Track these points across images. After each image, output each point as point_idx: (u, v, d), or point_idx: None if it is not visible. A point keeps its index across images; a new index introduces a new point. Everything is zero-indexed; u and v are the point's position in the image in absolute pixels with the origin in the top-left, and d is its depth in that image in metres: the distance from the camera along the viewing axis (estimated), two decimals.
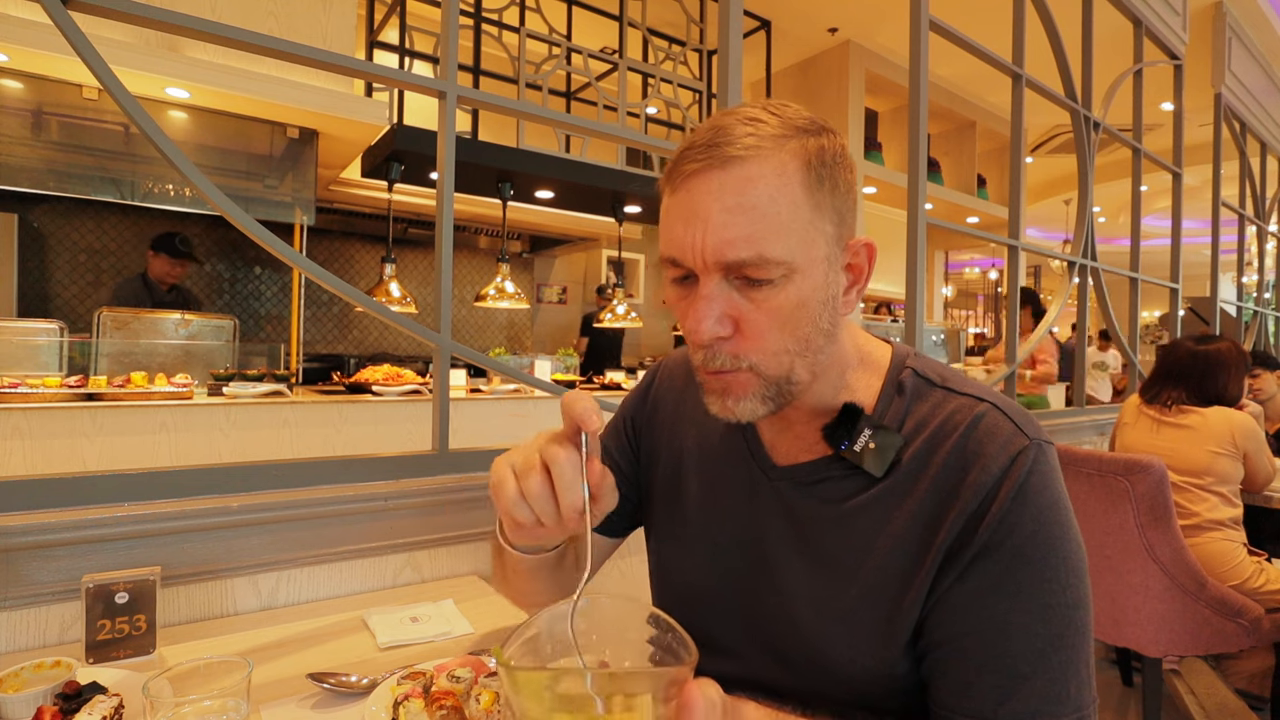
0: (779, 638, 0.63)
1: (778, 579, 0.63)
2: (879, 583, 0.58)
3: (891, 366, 0.64)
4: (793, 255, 0.53)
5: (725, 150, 0.53)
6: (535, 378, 1.48)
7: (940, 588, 0.55)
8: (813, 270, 0.55)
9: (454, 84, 1.23)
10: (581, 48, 3.86)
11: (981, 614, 0.54)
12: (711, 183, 0.53)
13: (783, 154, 0.54)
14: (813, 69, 5.06)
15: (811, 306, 0.56)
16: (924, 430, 0.59)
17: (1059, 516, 0.55)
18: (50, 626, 0.91)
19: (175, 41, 2.62)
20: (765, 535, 0.65)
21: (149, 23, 0.99)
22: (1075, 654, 0.53)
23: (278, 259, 1.61)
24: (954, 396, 0.60)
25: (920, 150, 2.01)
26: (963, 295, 12.56)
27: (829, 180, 0.56)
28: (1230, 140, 4.11)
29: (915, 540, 0.57)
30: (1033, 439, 0.56)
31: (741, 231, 0.52)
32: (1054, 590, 0.53)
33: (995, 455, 0.55)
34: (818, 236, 0.55)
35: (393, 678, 0.77)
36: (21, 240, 3.88)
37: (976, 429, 0.57)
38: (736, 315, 0.55)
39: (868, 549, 0.59)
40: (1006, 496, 0.54)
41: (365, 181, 4.16)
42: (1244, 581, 1.83)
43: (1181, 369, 2.04)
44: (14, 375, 2.32)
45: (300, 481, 1.09)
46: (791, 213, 0.53)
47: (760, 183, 0.53)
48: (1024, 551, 0.53)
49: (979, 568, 0.54)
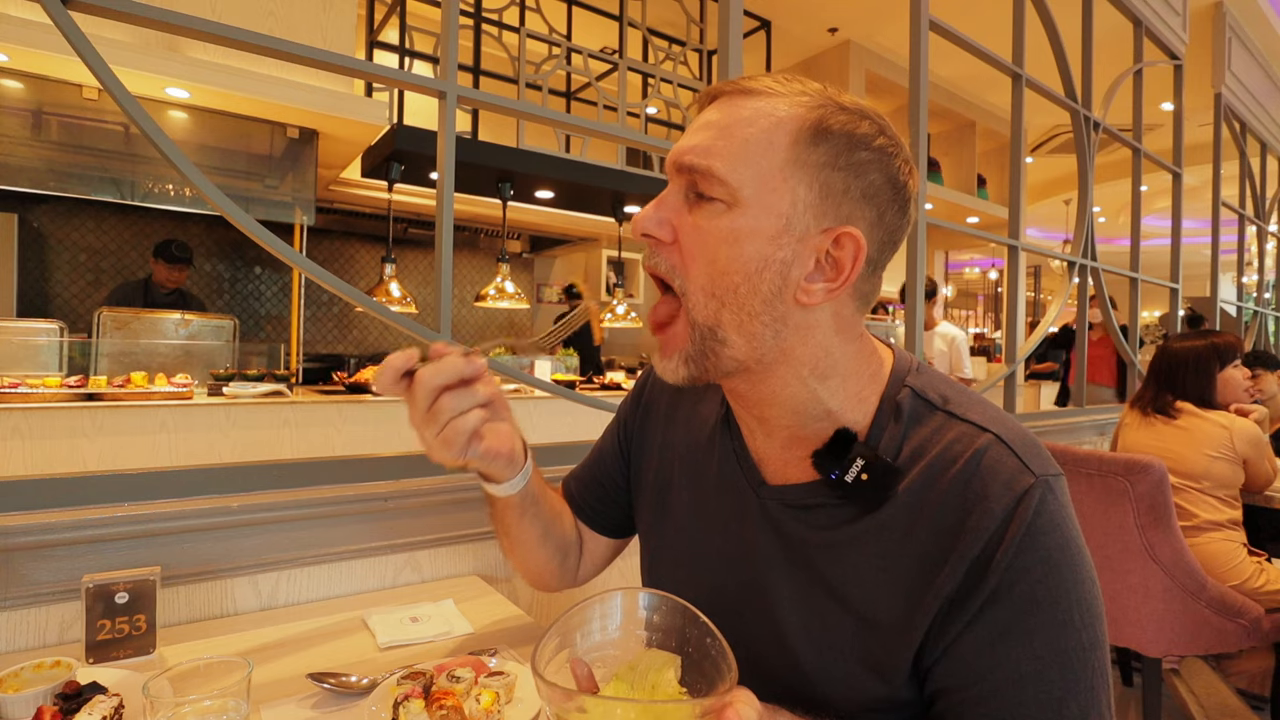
0: (765, 658, 0.61)
1: (766, 599, 0.61)
2: (871, 616, 0.55)
3: (890, 382, 0.59)
4: (741, 185, 0.53)
5: (744, 83, 0.55)
6: (535, 378, 1.48)
7: (948, 636, 0.52)
8: (762, 216, 0.53)
9: (454, 84, 1.23)
10: (581, 48, 3.86)
11: (993, 663, 0.51)
12: (718, 106, 0.56)
13: (792, 104, 0.54)
14: (813, 69, 5.05)
15: (747, 254, 0.53)
16: (922, 458, 0.55)
17: (1069, 557, 0.51)
18: (50, 626, 0.91)
19: (175, 41, 2.62)
20: (754, 554, 0.63)
21: (149, 23, 0.99)
22: (1094, 697, 0.51)
23: (278, 259, 1.61)
24: (955, 423, 0.56)
25: (920, 150, 2.01)
26: (963, 295, 12.56)
27: (827, 146, 0.53)
28: (1230, 140, 4.11)
29: (914, 579, 0.53)
30: (1039, 475, 0.52)
31: (705, 141, 0.54)
32: (1068, 634, 0.50)
33: (999, 496, 0.52)
34: (783, 188, 0.53)
35: (393, 678, 0.77)
36: (21, 240, 3.88)
37: (980, 465, 0.53)
38: (677, 224, 0.55)
39: (860, 581, 0.56)
40: (1012, 541, 0.50)
41: (365, 181, 4.16)
42: (1244, 581, 1.83)
43: (1155, 369, 2.08)
44: (14, 375, 2.32)
45: (300, 481, 1.09)
46: (762, 149, 0.53)
47: (753, 115, 0.54)
48: (1034, 596, 0.50)
49: (987, 615, 0.51)
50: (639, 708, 0.40)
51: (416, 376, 0.57)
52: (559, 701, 0.41)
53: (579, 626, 0.48)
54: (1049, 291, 11.37)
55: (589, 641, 0.49)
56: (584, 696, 0.42)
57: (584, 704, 0.40)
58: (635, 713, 0.40)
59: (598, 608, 0.50)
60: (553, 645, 0.46)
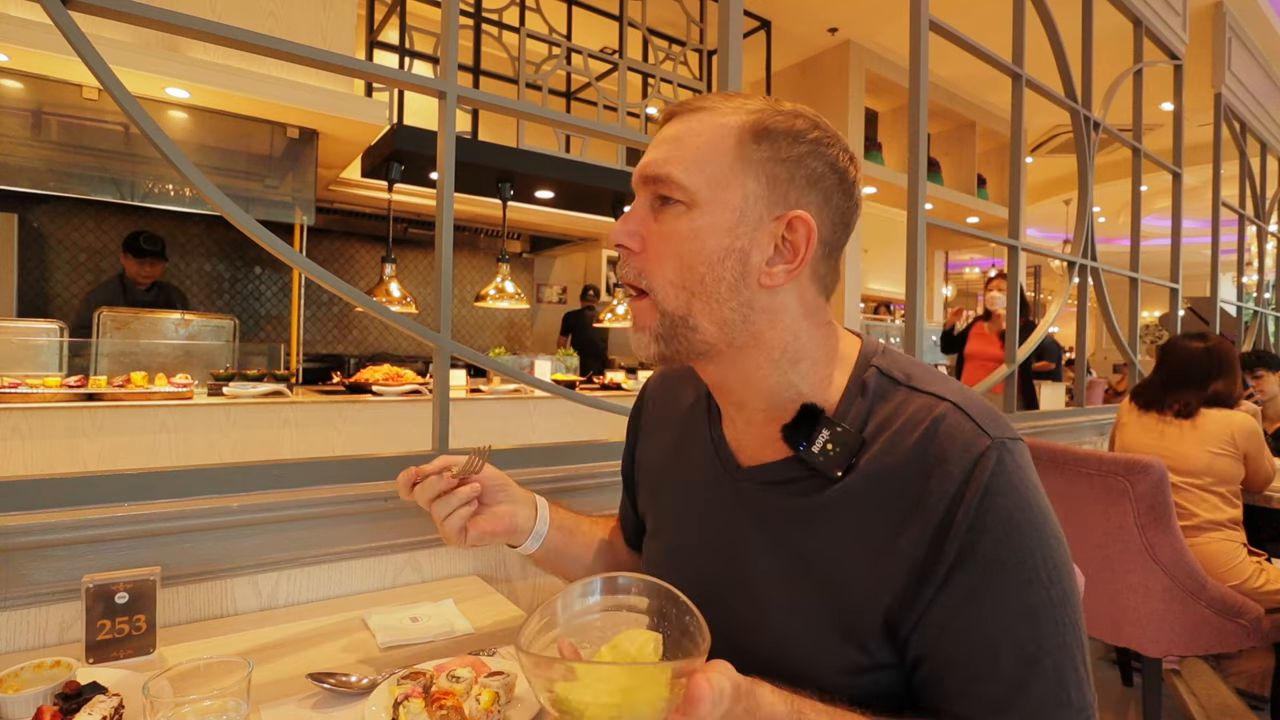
0: (750, 637, 0.63)
1: (747, 579, 0.64)
2: (841, 582, 0.58)
3: (857, 364, 0.63)
4: (698, 188, 0.58)
5: (694, 102, 0.62)
6: (535, 378, 1.48)
7: (920, 604, 0.54)
8: (719, 213, 0.58)
9: (454, 84, 1.23)
10: (581, 48, 3.86)
11: (965, 625, 0.53)
12: (673, 124, 0.62)
13: (732, 113, 0.60)
14: (813, 69, 5.06)
15: (709, 247, 0.58)
16: (886, 430, 0.58)
17: (1031, 516, 0.54)
18: (50, 626, 0.91)
19: (175, 41, 2.62)
20: (735, 537, 0.66)
21: (149, 23, 0.99)
22: (1068, 654, 0.53)
23: (278, 259, 1.61)
24: (916, 395, 0.59)
25: (920, 150, 2.01)
26: (963, 295, 12.57)
27: (768, 143, 0.59)
28: (1230, 140, 4.11)
29: (880, 542, 0.56)
30: (995, 437, 0.55)
31: (663, 154, 0.60)
32: (1035, 591, 0.52)
33: (957, 459, 0.54)
34: (734, 184, 0.58)
35: (393, 678, 0.77)
36: (21, 240, 3.87)
37: (938, 431, 0.56)
38: (645, 234, 0.61)
39: (832, 549, 0.59)
40: (971, 502, 0.53)
41: (365, 181, 4.16)
42: (1244, 581, 1.83)
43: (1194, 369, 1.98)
44: (14, 375, 2.31)
45: (300, 481, 1.09)
46: (712, 153, 0.59)
47: (700, 127, 0.60)
48: (998, 556, 0.52)
49: (955, 580, 0.53)
50: (621, 669, 0.43)
51: (413, 493, 0.74)
52: (545, 671, 0.43)
53: (563, 609, 0.51)
54: (1049, 291, 11.37)
55: (573, 623, 0.51)
56: (571, 663, 0.45)
57: (573, 669, 0.43)
58: (618, 674, 0.42)
59: (579, 589, 0.52)
60: (537, 626, 0.49)
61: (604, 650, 0.48)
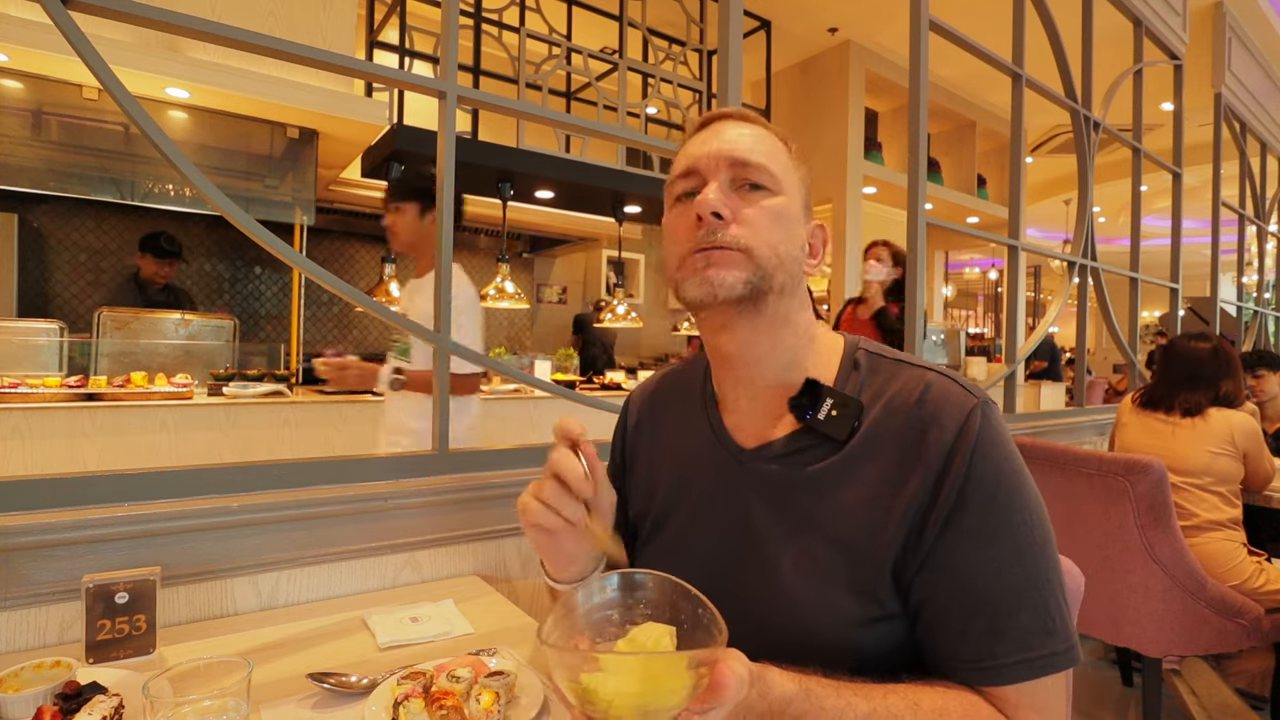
0: (765, 610, 0.65)
1: (758, 550, 0.67)
2: (851, 539, 0.63)
3: (846, 349, 0.72)
4: (782, 179, 0.68)
5: (739, 112, 0.72)
6: (535, 378, 1.49)
7: (923, 549, 0.60)
8: (792, 203, 0.68)
9: (454, 84, 1.23)
10: (581, 48, 3.86)
11: (963, 565, 0.59)
12: (734, 124, 0.70)
13: (775, 131, 0.72)
14: (813, 69, 5.06)
15: (793, 227, 0.68)
16: (881, 398, 0.66)
17: (1015, 465, 0.62)
18: (50, 626, 0.91)
19: (175, 41, 2.62)
20: (743, 515, 0.69)
21: (149, 23, 0.99)
22: (1052, 589, 0.59)
23: (278, 259, 1.62)
24: (904, 368, 0.68)
25: (920, 150, 2.01)
26: (963, 295, 12.57)
27: (801, 166, 0.72)
28: (1230, 140, 4.11)
29: (884, 495, 0.62)
30: (979, 398, 0.63)
31: (751, 144, 0.68)
32: (1023, 532, 0.59)
33: (951, 415, 0.62)
34: (797, 185, 0.70)
35: (393, 678, 0.77)
36: (21, 240, 3.88)
37: (930, 393, 0.64)
38: (735, 208, 0.66)
39: (840, 509, 0.64)
40: (966, 451, 0.60)
41: (365, 181, 4.16)
42: (1244, 581, 1.83)
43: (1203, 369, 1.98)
44: (14, 375, 2.32)
45: (300, 481, 1.09)
46: (782, 158, 0.69)
47: (765, 134, 0.70)
48: (992, 500, 0.59)
49: (954, 523, 0.59)
50: (644, 659, 0.46)
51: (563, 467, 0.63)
52: (572, 664, 0.45)
53: (579, 605, 0.53)
54: (1049, 291, 11.37)
55: (590, 618, 0.53)
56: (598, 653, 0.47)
57: (598, 659, 0.45)
58: (642, 664, 0.45)
59: (596, 585, 0.54)
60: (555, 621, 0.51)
61: (621, 644, 0.50)
